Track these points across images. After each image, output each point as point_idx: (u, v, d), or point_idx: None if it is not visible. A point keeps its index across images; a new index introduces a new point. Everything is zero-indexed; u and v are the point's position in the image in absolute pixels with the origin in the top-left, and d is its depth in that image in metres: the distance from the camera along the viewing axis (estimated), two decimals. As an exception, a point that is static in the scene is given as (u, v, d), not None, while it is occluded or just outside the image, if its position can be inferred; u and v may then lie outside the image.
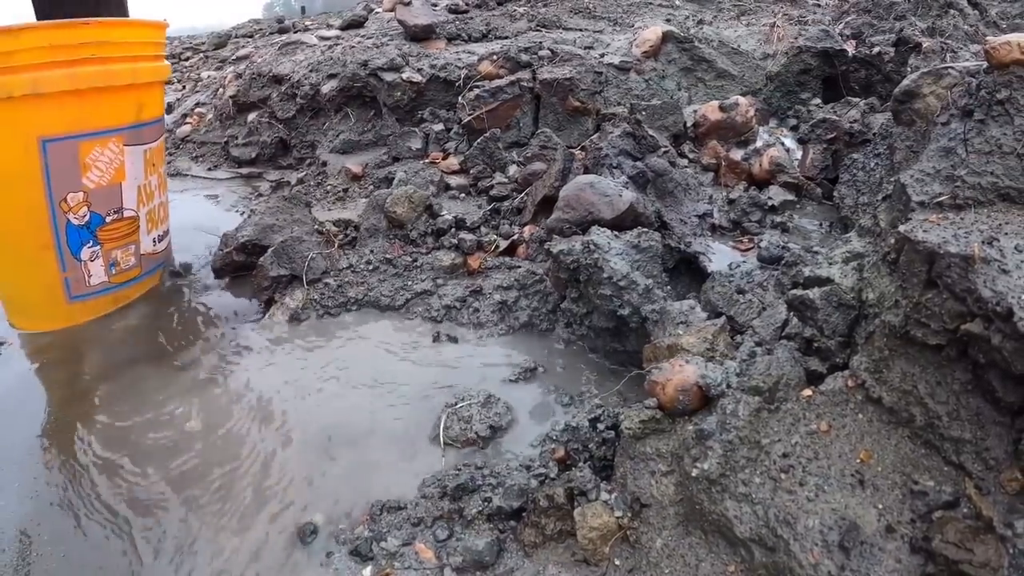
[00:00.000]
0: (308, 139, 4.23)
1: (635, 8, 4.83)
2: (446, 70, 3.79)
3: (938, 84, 1.94)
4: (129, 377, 2.29)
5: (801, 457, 1.44)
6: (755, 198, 2.67)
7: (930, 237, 1.33)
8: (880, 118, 2.75)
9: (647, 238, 2.27)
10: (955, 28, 3.46)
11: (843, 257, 1.73)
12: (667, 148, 2.82)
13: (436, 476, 1.81)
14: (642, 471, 1.62)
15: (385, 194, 2.89)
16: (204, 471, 1.92)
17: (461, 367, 2.24)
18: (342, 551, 1.64)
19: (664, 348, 1.83)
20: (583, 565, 1.57)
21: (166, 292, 2.84)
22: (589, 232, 2.26)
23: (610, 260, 2.13)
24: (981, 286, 1.19)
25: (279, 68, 4.42)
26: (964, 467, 1.29)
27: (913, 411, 1.38)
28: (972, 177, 1.44)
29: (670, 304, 2.03)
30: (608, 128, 2.77)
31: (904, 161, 2.02)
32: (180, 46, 8.08)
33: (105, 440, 2.03)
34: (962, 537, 1.21)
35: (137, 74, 2.48)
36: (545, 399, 2.11)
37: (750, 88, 3.55)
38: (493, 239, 2.72)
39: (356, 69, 3.94)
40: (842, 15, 4.05)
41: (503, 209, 2.93)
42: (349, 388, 2.19)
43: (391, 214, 2.78)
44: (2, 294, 2.60)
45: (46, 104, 2.25)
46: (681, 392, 1.59)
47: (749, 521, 1.39)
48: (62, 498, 1.86)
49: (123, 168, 2.52)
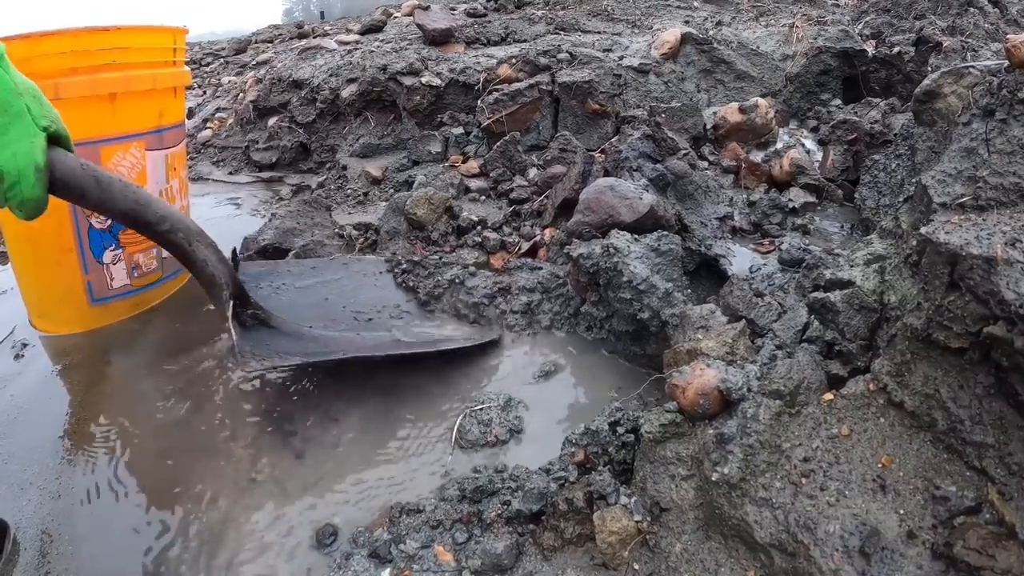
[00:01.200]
0: (328, 143, 4.25)
1: (653, 10, 4.82)
2: (465, 74, 3.80)
3: (959, 84, 1.92)
4: (151, 379, 2.31)
5: (822, 462, 1.43)
6: (776, 200, 2.65)
7: (952, 239, 1.31)
8: (901, 119, 2.73)
9: (667, 241, 2.27)
10: (975, 27, 3.43)
11: (864, 259, 1.71)
12: (687, 150, 2.81)
13: (455, 479, 1.81)
14: (662, 475, 1.61)
15: (405, 196, 2.91)
16: (225, 473, 1.93)
17: (482, 368, 2.25)
18: (361, 553, 1.65)
19: (684, 352, 1.83)
20: (602, 569, 1.56)
21: (187, 295, 2.86)
22: (609, 235, 2.25)
23: (630, 264, 2.13)
24: (1004, 288, 1.18)
25: (299, 73, 4.44)
26: (986, 472, 1.27)
27: (935, 415, 1.37)
28: (994, 178, 1.42)
29: (690, 308, 2.02)
30: (628, 131, 2.77)
31: (925, 162, 2.00)
32: (200, 51, 8.16)
33: (126, 442, 2.05)
34: (984, 543, 1.19)
35: (158, 80, 2.51)
36: (565, 402, 2.11)
37: (770, 89, 3.53)
38: (516, 240, 2.73)
39: (375, 73, 3.96)
40: (861, 15, 4.03)
41: (523, 212, 2.94)
42: (369, 390, 2.19)
43: (411, 216, 2.79)
44: (25, 297, 2.63)
45: (68, 110, 2.25)
46: (701, 396, 1.58)
47: (769, 526, 1.38)
48: (83, 499, 1.88)
49: (145, 173, 2.54)
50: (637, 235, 2.28)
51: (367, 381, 2.22)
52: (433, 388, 2.19)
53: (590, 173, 2.66)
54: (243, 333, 2.01)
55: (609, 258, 2.15)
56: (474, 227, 2.78)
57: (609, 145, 2.84)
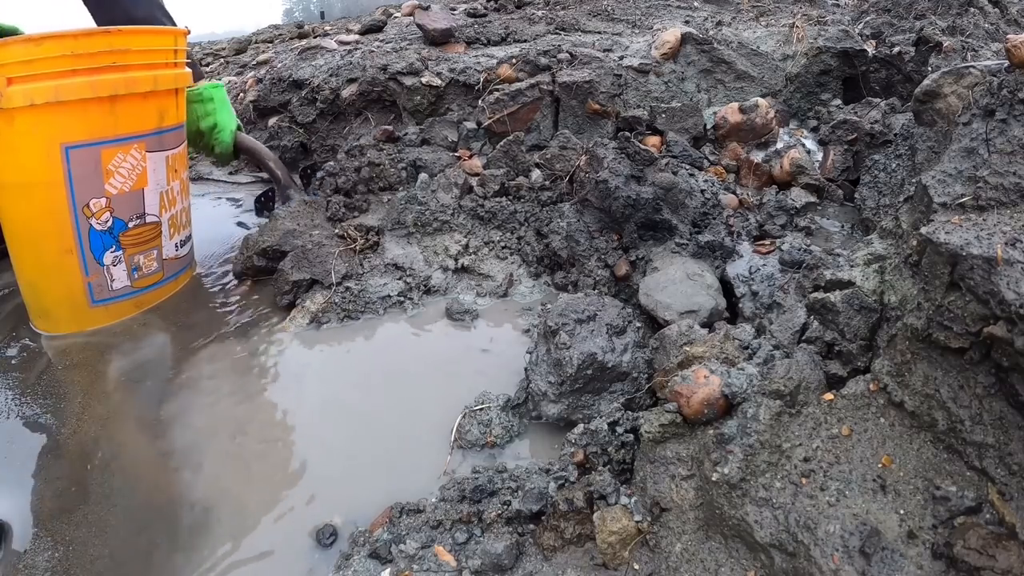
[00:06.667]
0: (328, 143, 4.25)
1: (653, 10, 4.81)
2: (465, 74, 3.80)
3: (959, 84, 1.92)
4: (150, 380, 2.31)
5: (822, 462, 1.43)
6: (782, 202, 2.65)
7: (952, 239, 1.31)
8: (901, 119, 2.73)
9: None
10: (976, 27, 3.42)
11: (865, 259, 1.71)
12: (665, 157, 2.77)
13: (455, 479, 1.81)
14: (662, 475, 1.61)
15: (406, 196, 2.91)
16: (223, 474, 1.93)
17: (483, 373, 2.25)
18: (361, 553, 1.65)
19: (675, 366, 1.83)
20: (602, 569, 1.56)
21: (187, 296, 2.87)
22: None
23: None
24: (1004, 288, 1.18)
25: (299, 73, 4.44)
26: (987, 472, 1.27)
27: (935, 415, 1.37)
28: (995, 178, 1.42)
29: (668, 329, 2.01)
30: (600, 153, 2.71)
31: (926, 162, 2.00)
32: (201, 52, 8.14)
33: (125, 442, 2.05)
34: (984, 543, 1.19)
35: (158, 81, 2.51)
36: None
37: (770, 89, 3.53)
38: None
39: (376, 73, 3.96)
40: (861, 15, 4.02)
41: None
42: (368, 391, 2.20)
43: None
44: (26, 298, 2.63)
45: (68, 111, 2.27)
46: (707, 406, 1.58)
47: (769, 526, 1.38)
48: (83, 497, 1.88)
49: (145, 174, 2.55)
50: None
51: (367, 380, 2.23)
52: (433, 387, 2.19)
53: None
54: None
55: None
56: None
57: (587, 175, 2.76)
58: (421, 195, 3.01)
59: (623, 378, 2.00)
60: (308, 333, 2.50)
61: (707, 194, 2.62)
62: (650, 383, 1.96)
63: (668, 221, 2.50)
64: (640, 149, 2.59)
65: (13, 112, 2.20)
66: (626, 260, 2.52)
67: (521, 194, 3.05)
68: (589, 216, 2.66)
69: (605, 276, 2.55)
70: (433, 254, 2.85)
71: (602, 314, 2.09)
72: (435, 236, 2.92)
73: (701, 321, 2.11)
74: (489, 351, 2.36)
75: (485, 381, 2.19)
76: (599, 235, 2.62)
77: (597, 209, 2.63)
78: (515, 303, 2.65)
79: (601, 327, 2.05)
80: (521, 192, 3.05)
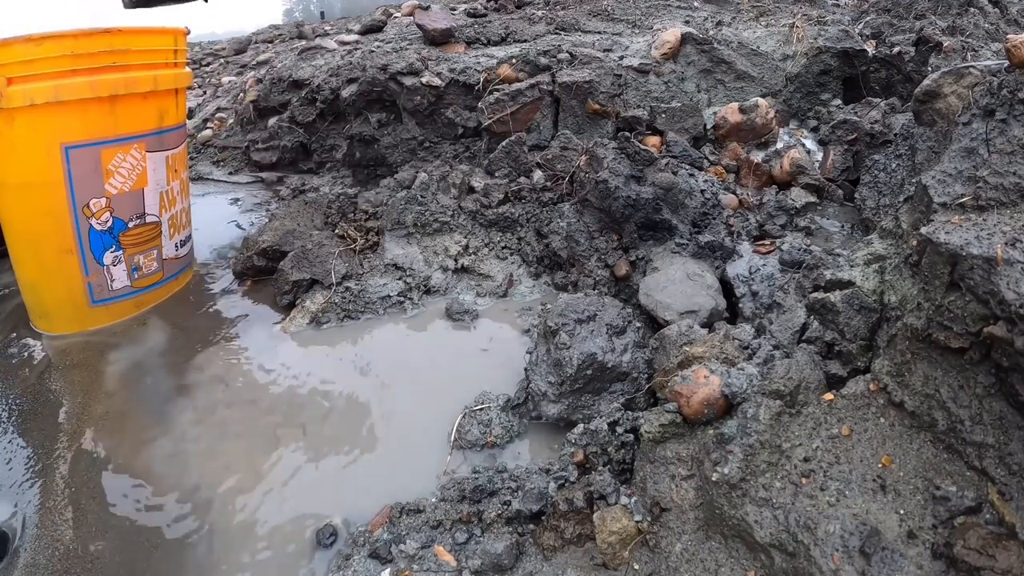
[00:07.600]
0: (328, 143, 4.25)
1: (653, 10, 4.81)
2: (465, 74, 3.79)
3: (959, 84, 1.92)
4: (150, 380, 2.31)
5: (822, 462, 1.43)
6: (781, 202, 2.65)
7: (952, 239, 1.31)
8: (901, 119, 2.72)
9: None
10: (975, 27, 3.42)
11: (865, 259, 1.71)
12: (665, 157, 2.77)
13: (455, 479, 1.81)
14: (662, 475, 1.61)
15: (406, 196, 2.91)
16: (222, 474, 1.94)
17: (483, 373, 2.25)
18: (361, 553, 1.65)
19: (675, 366, 1.83)
20: (602, 569, 1.56)
21: (187, 296, 2.87)
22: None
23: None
24: (1004, 288, 1.18)
25: (299, 73, 4.43)
26: (987, 472, 1.27)
27: (935, 415, 1.37)
28: (994, 178, 1.42)
29: (668, 329, 2.01)
30: (600, 153, 2.71)
31: (926, 162, 2.00)
32: (201, 52, 8.15)
33: (124, 441, 2.05)
34: (984, 543, 1.19)
35: (158, 81, 2.51)
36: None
37: (770, 89, 3.52)
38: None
39: (376, 73, 3.95)
40: (861, 15, 4.02)
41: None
42: (368, 391, 2.20)
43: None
44: (26, 298, 2.63)
45: (68, 111, 2.27)
46: (707, 406, 1.58)
47: (769, 526, 1.38)
48: (83, 498, 1.88)
49: (145, 174, 2.55)
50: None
51: (367, 380, 2.23)
52: (433, 387, 2.19)
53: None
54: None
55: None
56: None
57: (588, 175, 2.76)
58: (421, 196, 3.01)
59: (623, 378, 2.00)
60: (308, 333, 2.49)
61: (707, 194, 2.62)
62: (650, 383, 1.96)
63: (668, 221, 2.50)
64: (640, 149, 2.59)
65: (13, 112, 2.20)
66: (626, 260, 2.53)
67: (523, 195, 3.05)
68: (589, 216, 2.66)
69: (605, 276, 2.55)
70: (433, 254, 2.85)
71: (602, 314, 2.09)
72: (435, 236, 2.92)
73: (701, 321, 2.11)
74: (489, 351, 2.36)
75: (485, 381, 2.19)
76: (599, 235, 2.62)
77: (597, 209, 2.63)
78: (515, 303, 2.65)
79: (601, 327, 2.05)
80: (523, 193, 3.05)
